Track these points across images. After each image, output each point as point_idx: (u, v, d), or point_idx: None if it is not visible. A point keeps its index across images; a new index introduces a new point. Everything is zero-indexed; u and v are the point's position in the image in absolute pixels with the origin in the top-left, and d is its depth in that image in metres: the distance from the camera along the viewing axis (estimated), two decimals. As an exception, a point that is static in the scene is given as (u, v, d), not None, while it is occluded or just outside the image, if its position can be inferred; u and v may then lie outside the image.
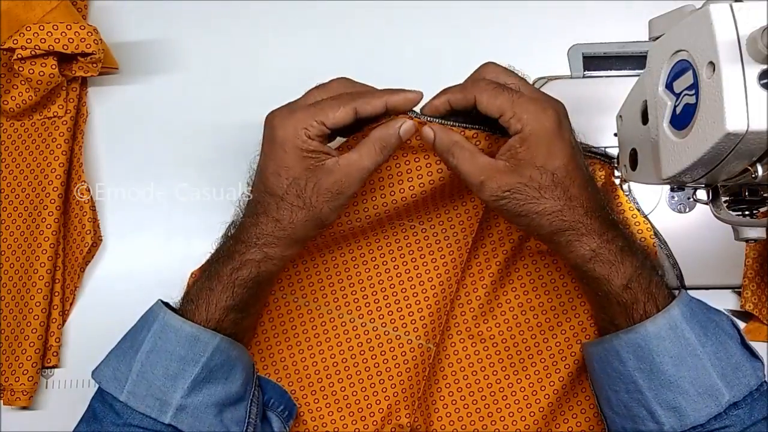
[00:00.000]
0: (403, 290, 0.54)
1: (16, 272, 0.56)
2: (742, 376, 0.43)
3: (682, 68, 0.39)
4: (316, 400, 0.53)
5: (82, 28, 0.55)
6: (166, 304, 0.47)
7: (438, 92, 0.47)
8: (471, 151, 0.45)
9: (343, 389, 0.53)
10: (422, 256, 0.54)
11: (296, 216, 0.45)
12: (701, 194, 0.46)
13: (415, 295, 0.54)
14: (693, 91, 0.38)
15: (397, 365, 0.52)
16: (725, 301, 0.57)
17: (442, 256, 0.54)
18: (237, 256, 0.46)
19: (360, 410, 0.52)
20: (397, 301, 0.54)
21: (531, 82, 0.61)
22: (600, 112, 0.58)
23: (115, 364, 0.45)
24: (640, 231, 0.54)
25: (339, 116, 0.44)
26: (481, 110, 0.45)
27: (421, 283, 0.54)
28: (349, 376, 0.53)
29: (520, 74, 0.48)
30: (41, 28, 0.54)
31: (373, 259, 0.55)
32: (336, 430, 0.52)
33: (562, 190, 0.44)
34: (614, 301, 0.45)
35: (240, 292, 0.46)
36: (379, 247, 0.55)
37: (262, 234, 0.46)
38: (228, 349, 0.45)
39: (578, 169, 0.45)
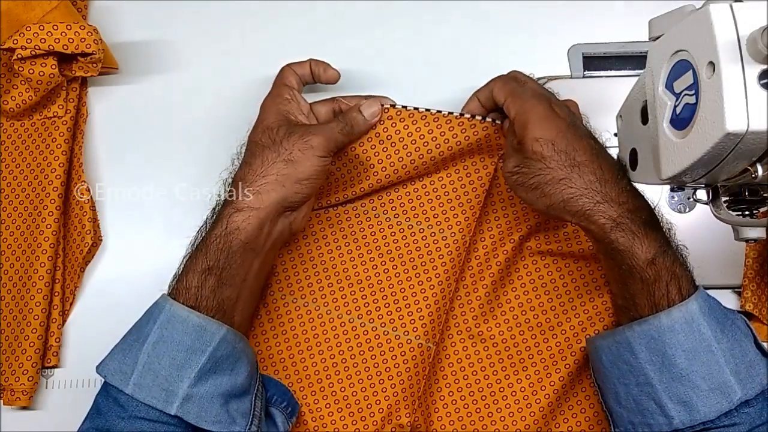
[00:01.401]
0: (402, 290, 0.54)
1: (16, 272, 0.56)
2: (756, 375, 0.42)
3: (682, 68, 0.39)
4: (317, 401, 0.53)
5: (82, 28, 0.55)
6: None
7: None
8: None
9: (343, 389, 0.53)
10: (421, 256, 0.54)
11: (273, 167, 0.48)
12: (701, 194, 0.46)
13: (414, 294, 0.54)
14: (693, 91, 0.38)
15: (397, 365, 0.52)
16: (725, 301, 0.56)
17: (441, 256, 0.54)
18: (209, 221, 0.49)
19: (360, 410, 0.52)
20: (396, 301, 0.54)
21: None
22: (600, 112, 0.58)
23: (120, 357, 0.45)
24: None
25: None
26: (495, 100, 0.51)
27: (420, 282, 0.54)
28: (349, 376, 0.53)
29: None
30: (41, 28, 0.54)
31: (372, 259, 0.55)
32: (336, 430, 0.52)
33: (566, 157, 0.45)
34: (638, 277, 0.44)
35: (214, 252, 0.46)
36: (378, 248, 0.55)
37: (251, 191, 0.48)
38: (234, 341, 0.46)
39: (580, 138, 0.46)
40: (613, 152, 0.55)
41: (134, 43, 0.62)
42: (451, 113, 0.54)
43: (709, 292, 0.55)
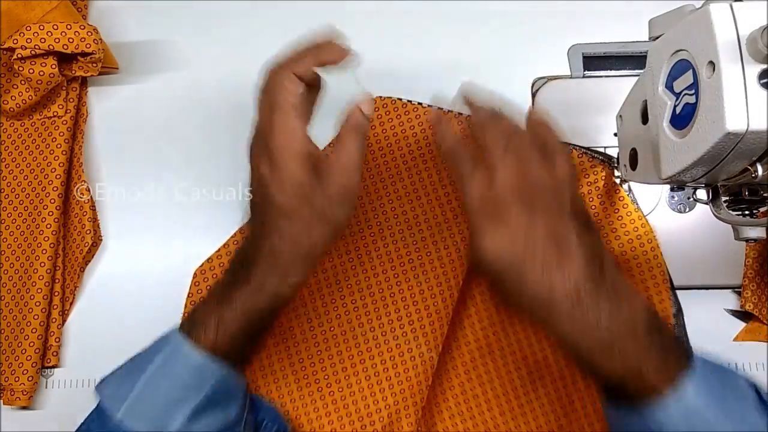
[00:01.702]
0: (404, 298, 0.53)
1: (16, 272, 0.56)
2: None
3: (682, 68, 0.39)
4: (316, 409, 0.52)
5: (82, 27, 0.55)
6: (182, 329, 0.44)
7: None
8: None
9: (343, 398, 0.52)
10: (422, 264, 0.53)
11: (313, 231, 0.41)
12: (701, 194, 0.46)
13: (416, 303, 0.53)
14: (693, 91, 0.38)
15: (398, 374, 0.52)
16: (725, 301, 0.57)
17: (442, 265, 0.53)
18: (252, 281, 0.42)
19: (360, 418, 0.52)
20: (397, 309, 0.53)
21: (531, 83, 0.61)
22: (600, 112, 0.58)
23: (118, 381, 0.43)
24: (639, 236, 0.53)
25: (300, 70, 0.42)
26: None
27: (421, 291, 0.53)
28: (350, 385, 0.53)
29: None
30: (41, 27, 0.54)
31: (373, 267, 0.54)
32: None
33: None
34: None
35: (253, 321, 0.43)
36: (379, 256, 0.54)
37: (278, 254, 0.42)
38: (232, 379, 0.44)
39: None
40: (613, 152, 0.55)
41: (134, 43, 0.62)
42: (450, 111, 0.53)
43: (710, 292, 0.56)
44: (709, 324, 0.54)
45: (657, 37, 0.43)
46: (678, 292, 0.55)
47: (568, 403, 0.52)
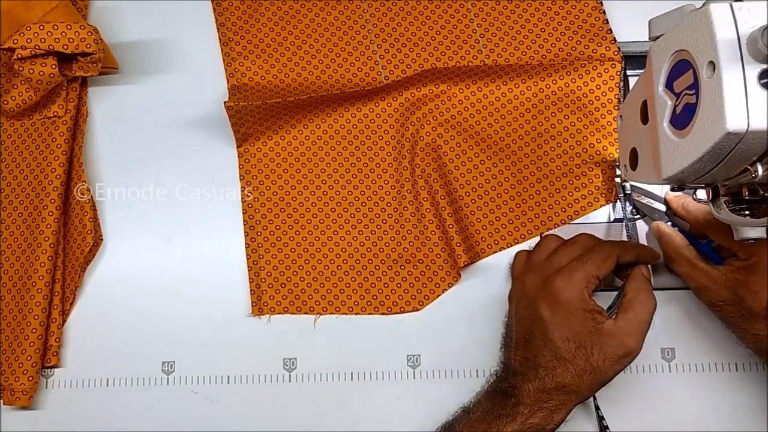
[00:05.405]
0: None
1: (16, 272, 0.56)
2: None
3: (682, 68, 0.39)
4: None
5: (82, 27, 0.55)
6: None
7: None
8: (692, 258, 0.51)
9: None
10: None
11: (583, 380, 0.46)
12: (701, 194, 0.46)
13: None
14: (693, 91, 0.38)
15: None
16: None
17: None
18: (519, 418, 0.46)
19: None
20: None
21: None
22: (600, 112, 0.58)
23: None
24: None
25: (607, 267, 0.48)
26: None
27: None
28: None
29: None
30: (41, 27, 0.54)
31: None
32: None
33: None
34: None
35: None
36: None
37: (548, 398, 0.46)
38: None
39: None
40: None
41: (134, 43, 0.62)
42: None
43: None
44: (710, 324, 0.54)
45: (657, 37, 0.43)
46: (678, 292, 0.55)
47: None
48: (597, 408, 0.52)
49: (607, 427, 0.51)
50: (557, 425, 0.46)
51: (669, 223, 0.54)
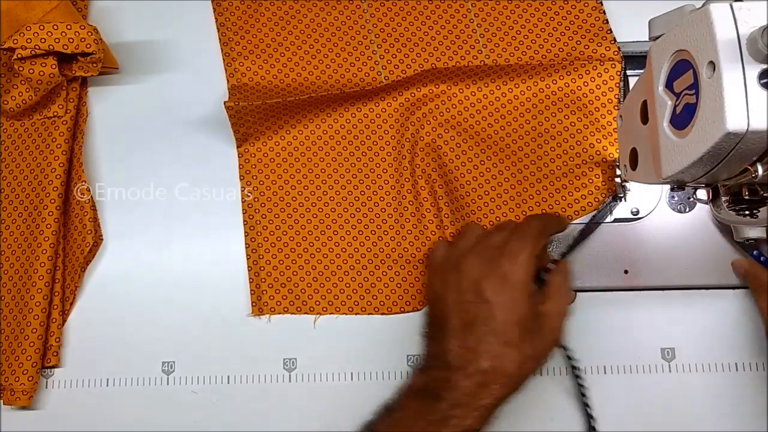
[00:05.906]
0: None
1: (16, 272, 0.56)
2: None
3: (682, 68, 0.39)
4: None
5: (82, 28, 0.55)
6: None
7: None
8: None
9: None
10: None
11: (525, 369, 0.44)
12: (701, 194, 0.46)
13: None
14: (693, 91, 0.38)
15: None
16: (725, 301, 0.56)
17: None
18: (454, 421, 0.42)
19: None
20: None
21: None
22: (600, 112, 0.58)
23: None
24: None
25: (540, 245, 0.47)
26: None
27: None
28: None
29: None
30: (41, 27, 0.54)
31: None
32: None
33: None
34: None
35: None
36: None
37: (487, 393, 0.43)
38: None
39: None
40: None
41: (134, 43, 0.62)
42: None
43: (710, 292, 0.55)
44: (710, 324, 0.54)
45: (657, 37, 0.43)
46: (678, 292, 0.55)
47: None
48: (586, 406, 0.52)
49: (594, 429, 0.51)
50: (488, 426, 0.44)
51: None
